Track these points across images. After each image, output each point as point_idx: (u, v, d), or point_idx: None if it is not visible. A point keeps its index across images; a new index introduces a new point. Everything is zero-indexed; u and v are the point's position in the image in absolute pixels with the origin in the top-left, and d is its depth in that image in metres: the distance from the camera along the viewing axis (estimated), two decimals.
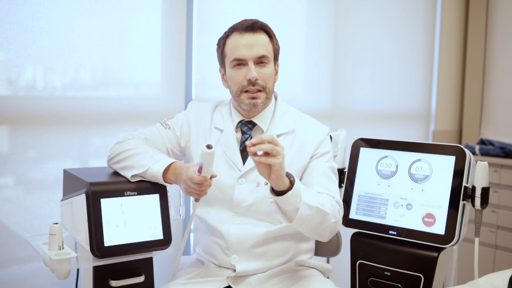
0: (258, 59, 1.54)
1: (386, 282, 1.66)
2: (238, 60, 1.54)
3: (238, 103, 1.58)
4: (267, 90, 1.57)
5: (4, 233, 1.79)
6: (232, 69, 1.56)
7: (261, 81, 1.55)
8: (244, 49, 1.53)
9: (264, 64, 1.56)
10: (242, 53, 1.53)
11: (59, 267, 1.36)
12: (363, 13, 2.95)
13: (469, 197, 1.60)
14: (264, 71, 1.55)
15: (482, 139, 3.38)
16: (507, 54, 3.50)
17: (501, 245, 3.11)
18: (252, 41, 1.54)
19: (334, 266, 1.83)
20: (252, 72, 1.53)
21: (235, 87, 1.57)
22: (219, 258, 1.60)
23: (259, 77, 1.54)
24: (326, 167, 1.60)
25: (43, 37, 1.81)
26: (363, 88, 3.00)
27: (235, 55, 1.54)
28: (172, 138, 1.64)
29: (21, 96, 1.81)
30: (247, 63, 1.54)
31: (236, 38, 1.55)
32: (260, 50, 1.54)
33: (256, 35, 1.55)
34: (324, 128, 1.66)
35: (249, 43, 1.53)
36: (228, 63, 1.57)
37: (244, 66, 1.54)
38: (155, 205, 1.46)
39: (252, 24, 1.55)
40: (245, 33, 1.54)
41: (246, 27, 1.54)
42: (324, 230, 1.50)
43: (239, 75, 1.55)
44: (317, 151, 1.61)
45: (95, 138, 1.98)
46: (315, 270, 1.66)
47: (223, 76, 1.63)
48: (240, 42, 1.53)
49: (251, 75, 1.52)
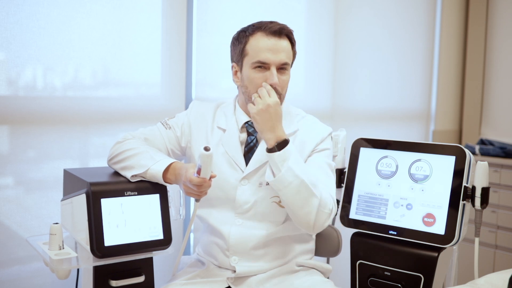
0: (280, 65, 1.53)
1: (386, 282, 1.66)
2: (262, 63, 1.52)
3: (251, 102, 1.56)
4: (281, 96, 1.56)
5: (4, 233, 1.79)
6: (252, 70, 1.54)
7: (279, 87, 1.54)
8: (269, 53, 1.51)
9: (284, 71, 1.55)
10: (267, 56, 1.51)
11: (59, 267, 1.36)
12: (363, 13, 2.95)
13: (469, 197, 1.60)
14: (283, 78, 1.55)
15: (482, 139, 3.39)
16: (507, 54, 3.50)
17: (501, 245, 3.11)
18: (278, 46, 1.52)
19: (334, 266, 1.83)
20: (275, 78, 1.51)
21: (253, 89, 1.54)
22: (219, 259, 1.60)
23: (279, 83, 1.53)
24: (324, 162, 1.59)
25: (43, 37, 1.81)
26: (363, 88, 3.00)
27: (259, 58, 1.52)
28: (172, 138, 1.63)
29: (21, 96, 1.81)
30: (270, 67, 1.52)
31: (262, 40, 1.52)
32: (284, 57, 1.53)
33: (281, 41, 1.53)
34: (326, 128, 1.65)
35: (274, 48, 1.52)
36: (249, 63, 1.54)
37: (266, 69, 1.53)
38: (155, 205, 1.46)
39: (280, 29, 1.53)
40: (272, 36, 1.52)
41: (274, 31, 1.52)
42: (309, 210, 1.46)
43: (260, 78, 1.53)
44: (317, 148, 1.60)
45: (95, 138, 1.98)
46: (315, 271, 1.66)
47: (236, 73, 1.60)
48: (266, 45, 1.51)
49: (273, 81, 1.51)
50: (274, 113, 1.47)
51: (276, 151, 1.45)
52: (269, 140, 1.47)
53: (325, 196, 1.50)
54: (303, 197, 1.45)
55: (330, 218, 1.52)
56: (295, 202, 1.46)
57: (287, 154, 1.44)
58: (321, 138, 1.61)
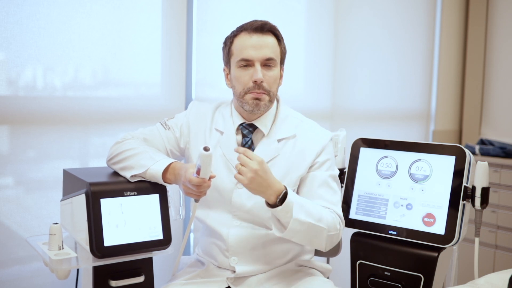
0: (265, 61, 1.52)
1: (386, 282, 1.66)
2: (245, 60, 1.52)
3: (241, 104, 1.56)
4: (271, 93, 1.55)
5: (4, 233, 1.79)
6: (238, 69, 1.54)
7: (266, 84, 1.53)
8: (252, 49, 1.51)
9: (271, 67, 1.54)
10: (250, 53, 1.51)
11: (59, 267, 1.36)
12: (363, 13, 2.95)
13: (469, 197, 1.60)
14: (270, 74, 1.54)
15: (482, 139, 3.38)
16: (507, 54, 3.50)
17: (501, 245, 3.11)
18: (261, 42, 1.52)
19: (334, 266, 1.83)
20: (259, 73, 1.51)
21: (239, 88, 1.54)
22: (219, 259, 1.60)
23: (265, 79, 1.52)
24: (326, 176, 1.57)
25: (43, 37, 1.81)
26: (363, 88, 3.00)
27: (242, 55, 1.52)
28: (171, 139, 1.63)
29: (21, 96, 1.81)
30: (254, 64, 1.52)
31: (245, 38, 1.53)
32: (268, 52, 1.52)
33: (264, 37, 1.53)
34: (326, 134, 1.63)
35: (257, 44, 1.51)
36: (235, 63, 1.55)
37: (251, 67, 1.52)
38: (155, 205, 1.46)
39: (262, 25, 1.53)
40: (254, 33, 1.52)
41: (256, 27, 1.53)
42: (319, 242, 1.50)
43: (245, 75, 1.53)
44: (317, 160, 1.58)
45: (95, 138, 1.98)
46: (315, 270, 1.66)
47: (227, 76, 1.61)
48: (249, 42, 1.52)
49: (257, 77, 1.50)
50: (264, 173, 1.39)
51: (278, 206, 1.41)
52: (270, 198, 1.42)
53: (331, 220, 1.50)
54: (312, 235, 1.47)
55: (339, 235, 1.54)
56: (305, 240, 1.49)
57: (289, 206, 1.41)
58: (321, 147, 1.59)
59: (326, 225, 1.48)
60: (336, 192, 1.59)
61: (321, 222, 1.46)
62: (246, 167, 1.38)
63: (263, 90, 1.52)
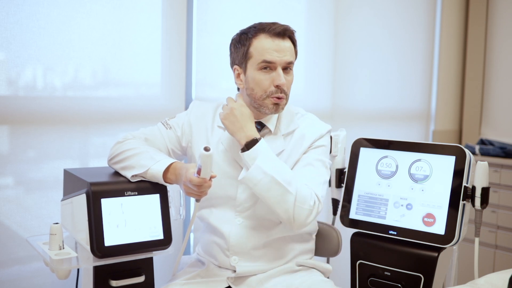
0: (285, 65, 1.54)
1: (386, 282, 1.66)
2: (268, 62, 1.52)
3: (259, 107, 1.56)
4: (287, 96, 1.58)
5: (4, 233, 1.79)
6: (258, 72, 1.54)
7: (286, 88, 1.55)
8: (275, 53, 1.52)
9: (289, 71, 1.56)
10: (274, 56, 1.52)
11: (59, 267, 1.36)
12: (363, 13, 2.95)
13: (469, 197, 1.60)
14: (289, 78, 1.56)
15: (482, 139, 3.39)
16: (507, 54, 3.50)
17: (501, 245, 3.11)
18: (283, 47, 1.53)
19: (334, 266, 1.83)
20: (282, 78, 1.52)
21: (259, 91, 1.54)
22: (219, 258, 1.60)
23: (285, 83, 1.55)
24: (315, 159, 1.58)
25: (43, 37, 1.81)
26: (363, 88, 3.00)
27: (265, 57, 1.52)
28: (173, 138, 1.63)
29: (21, 96, 1.81)
30: (276, 68, 1.53)
31: (267, 41, 1.53)
32: (289, 56, 1.54)
33: (285, 41, 1.55)
34: (326, 125, 1.66)
35: (280, 49, 1.53)
36: (254, 65, 1.54)
37: (272, 70, 1.54)
38: (155, 205, 1.46)
39: (284, 30, 1.54)
40: (276, 38, 1.53)
41: (278, 32, 1.53)
42: (285, 209, 1.46)
43: (267, 79, 1.53)
44: (314, 144, 1.61)
45: (95, 138, 1.98)
46: (315, 270, 1.66)
47: (239, 75, 1.60)
48: (271, 45, 1.52)
49: (280, 81, 1.52)
50: (240, 114, 1.51)
51: (245, 151, 1.48)
52: (240, 140, 1.50)
53: (304, 192, 1.48)
54: (276, 194, 1.45)
55: (312, 215, 1.49)
56: (269, 200, 1.47)
57: (256, 152, 1.47)
58: (319, 134, 1.62)
59: (295, 191, 1.46)
60: (321, 176, 1.57)
61: (289, 186, 1.45)
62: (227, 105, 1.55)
63: (283, 93, 1.55)
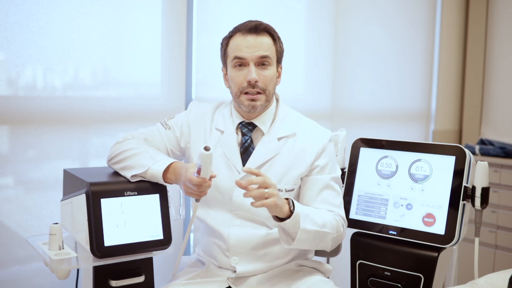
0: (259, 60, 1.53)
1: (386, 282, 1.66)
2: (238, 58, 1.53)
3: (238, 104, 1.58)
4: (267, 92, 1.56)
5: (4, 233, 1.79)
6: (233, 69, 1.56)
7: (261, 83, 1.54)
8: (246, 49, 1.52)
9: (266, 66, 1.55)
10: (244, 52, 1.52)
11: (59, 267, 1.36)
12: (363, 13, 2.95)
13: (469, 197, 1.60)
14: (265, 73, 1.54)
15: (482, 139, 3.38)
16: (507, 54, 3.50)
17: (501, 245, 3.11)
18: (255, 43, 1.53)
19: (334, 266, 1.83)
20: (252, 73, 1.52)
21: (235, 88, 1.56)
22: (219, 259, 1.60)
23: (260, 79, 1.53)
24: (329, 179, 1.59)
25: (43, 37, 1.81)
26: (363, 88, 3.00)
27: (236, 54, 1.53)
28: (172, 139, 1.63)
29: (21, 96, 1.81)
30: (248, 64, 1.53)
31: (239, 39, 1.54)
32: (262, 51, 1.53)
33: (259, 37, 1.54)
34: (326, 134, 1.63)
35: (251, 44, 1.53)
36: (230, 63, 1.56)
37: (245, 67, 1.54)
38: (155, 205, 1.46)
39: (256, 25, 1.55)
40: (248, 34, 1.54)
41: (250, 28, 1.54)
42: (325, 245, 1.55)
43: (240, 75, 1.54)
44: (318, 163, 1.59)
45: (95, 138, 1.98)
46: (315, 270, 1.66)
47: (225, 76, 1.63)
48: (243, 42, 1.53)
49: (251, 77, 1.52)
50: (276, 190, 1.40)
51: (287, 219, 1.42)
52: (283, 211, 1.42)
53: (335, 223, 1.55)
54: (318, 241, 1.51)
55: (343, 236, 1.60)
56: (310, 246, 1.52)
57: (297, 216, 1.43)
58: (322, 147, 1.60)
59: (331, 229, 1.52)
60: (339, 193, 1.63)
61: (325, 228, 1.50)
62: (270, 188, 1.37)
63: (259, 89, 1.54)
